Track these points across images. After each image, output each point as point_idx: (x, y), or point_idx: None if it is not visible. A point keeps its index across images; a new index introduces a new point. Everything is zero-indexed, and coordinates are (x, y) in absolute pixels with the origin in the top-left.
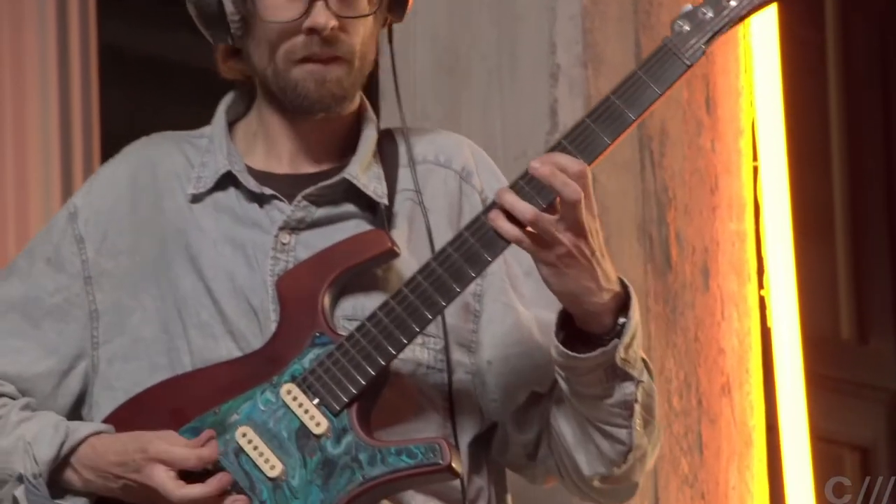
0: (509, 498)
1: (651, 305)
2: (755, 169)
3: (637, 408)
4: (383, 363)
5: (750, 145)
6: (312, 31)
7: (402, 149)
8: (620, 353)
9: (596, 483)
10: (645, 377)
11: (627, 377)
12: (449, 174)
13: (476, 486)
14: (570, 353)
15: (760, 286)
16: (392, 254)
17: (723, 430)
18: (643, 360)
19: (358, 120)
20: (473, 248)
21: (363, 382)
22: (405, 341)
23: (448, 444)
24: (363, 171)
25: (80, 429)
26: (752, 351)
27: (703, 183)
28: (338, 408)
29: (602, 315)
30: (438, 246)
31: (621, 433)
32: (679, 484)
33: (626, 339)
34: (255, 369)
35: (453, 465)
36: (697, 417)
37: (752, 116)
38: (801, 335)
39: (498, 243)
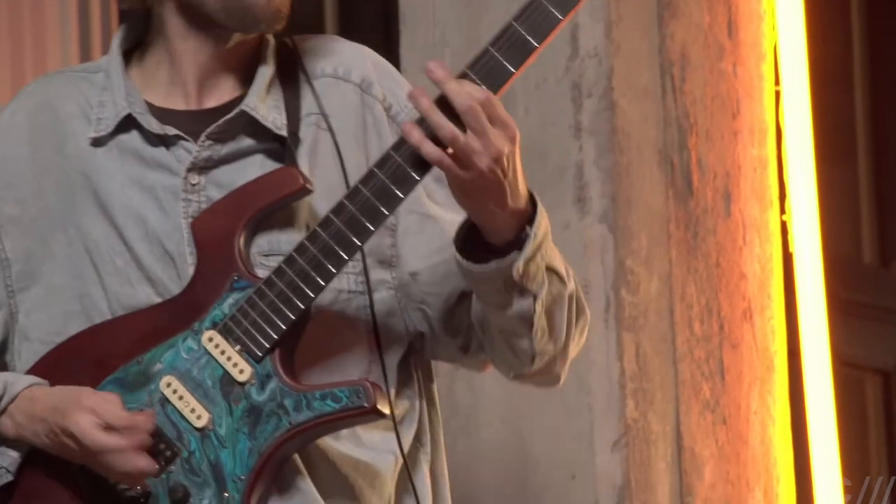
0: (437, 412)
1: (672, 231)
2: (777, 93)
3: (536, 320)
4: (302, 307)
5: (772, 70)
6: None
7: (301, 65)
8: (518, 268)
9: (516, 378)
10: (544, 293)
11: (525, 292)
12: (349, 88)
13: (406, 405)
14: (463, 261)
15: (782, 211)
16: (305, 191)
17: (744, 355)
18: (553, 270)
19: (259, 44)
20: (384, 185)
21: (284, 327)
22: (323, 284)
23: (373, 385)
24: (262, 101)
25: (19, 381)
26: (774, 276)
27: (724, 108)
28: (260, 354)
29: (504, 230)
30: (348, 167)
31: (523, 342)
32: (700, 409)
33: (526, 252)
34: (176, 316)
35: (378, 406)
36: (719, 343)
37: (773, 40)
38: (823, 260)
39: (410, 179)
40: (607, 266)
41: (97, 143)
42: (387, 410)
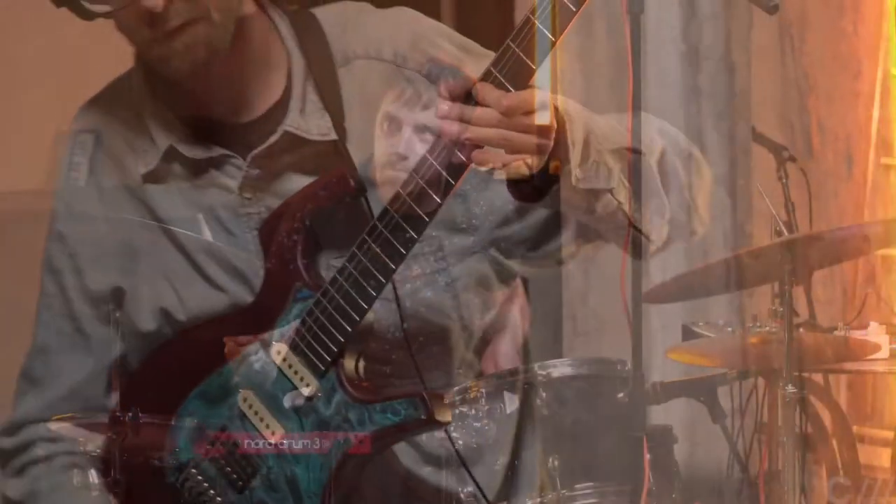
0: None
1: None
2: None
3: (624, 206)
4: (358, 318)
5: (894, 27)
6: (148, 13)
7: (332, 48)
8: (577, 176)
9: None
10: (616, 174)
11: (596, 192)
12: (383, 67)
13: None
14: (528, 204)
15: None
16: (357, 193)
17: (868, 319)
18: (619, 150)
19: (253, 32)
20: (423, 190)
21: (342, 340)
22: (375, 294)
23: (430, 395)
24: (302, 115)
25: None
26: None
27: (845, 68)
28: (322, 368)
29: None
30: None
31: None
32: (823, 372)
33: (575, 161)
34: (248, 326)
35: (436, 417)
36: (842, 307)
37: None
38: None
39: (447, 185)
40: (727, 230)
41: (148, 176)
42: (447, 419)
